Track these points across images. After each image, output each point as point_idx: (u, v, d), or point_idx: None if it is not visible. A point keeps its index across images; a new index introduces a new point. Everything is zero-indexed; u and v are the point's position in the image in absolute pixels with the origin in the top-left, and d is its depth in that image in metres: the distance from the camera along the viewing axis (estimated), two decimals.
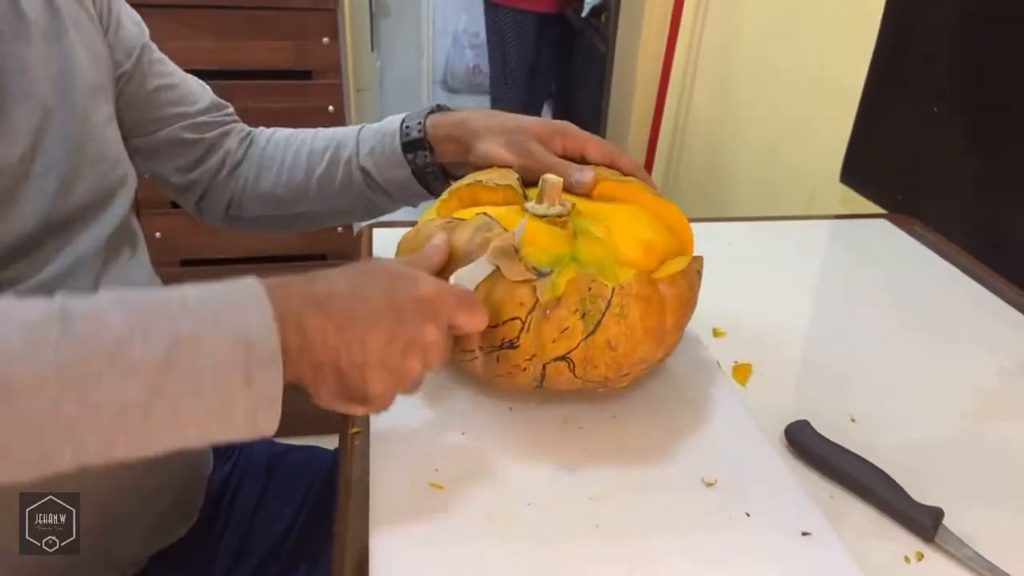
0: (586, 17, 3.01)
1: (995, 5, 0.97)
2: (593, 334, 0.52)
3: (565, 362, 0.53)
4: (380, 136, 0.74)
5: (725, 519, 0.52)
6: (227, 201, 0.81)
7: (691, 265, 0.58)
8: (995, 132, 0.98)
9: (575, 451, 0.57)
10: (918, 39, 1.11)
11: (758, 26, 1.66)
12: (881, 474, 0.56)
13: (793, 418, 0.61)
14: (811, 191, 1.42)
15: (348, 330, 0.43)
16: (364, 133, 0.76)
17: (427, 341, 0.46)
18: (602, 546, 0.49)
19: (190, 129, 0.77)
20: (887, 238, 0.98)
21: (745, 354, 0.71)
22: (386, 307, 0.45)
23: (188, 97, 0.77)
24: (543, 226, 0.56)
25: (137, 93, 0.73)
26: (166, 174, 0.79)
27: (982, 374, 0.72)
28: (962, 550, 0.51)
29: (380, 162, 0.74)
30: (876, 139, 1.21)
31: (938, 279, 0.88)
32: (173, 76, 0.76)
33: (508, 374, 0.55)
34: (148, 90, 0.73)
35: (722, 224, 0.96)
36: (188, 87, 0.77)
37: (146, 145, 0.76)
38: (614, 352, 0.53)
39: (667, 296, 0.55)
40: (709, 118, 1.91)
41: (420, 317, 0.46)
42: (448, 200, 0.63)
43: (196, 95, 0.78)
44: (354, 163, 0.76)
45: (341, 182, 0.76)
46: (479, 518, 0.51)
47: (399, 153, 0.73)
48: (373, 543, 0.48)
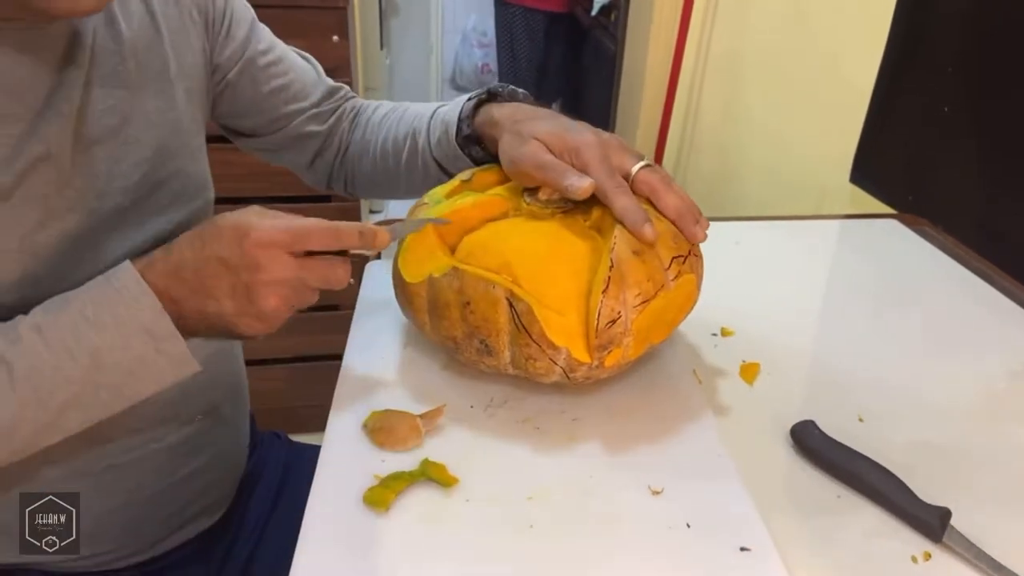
0: (596, 16, 3.01)
1: (1007, 5, 0.96)
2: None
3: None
4: (444, 127, 0.73)
5: (664, 528, 0.51)
6: (344, 182, 0.85)
7: (480, 282, 0.56)
8: (1006, 133, 0.97)
9: (525, 451, 0.57)
10: (929, 40, 1.11)
11: (768, 25, 1.65)
12: (888, 474, 0.56)
13: (801, 418, 0.61)
14: (821, 191, 1.41)
15: (200, 292, 0.52)
16: (435, 120, 0.75)
17: (270, 279, 0.51)
18: (532, 546, 0.49)
19: (309, 122, 0.79)
20: (897, 238, 0.98)
21: (753, 354, 0.70)
22: (219, 263, 0.51)
23: (303, 92, 0.78)
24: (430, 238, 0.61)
25: (251, 98, 0.75)
26: (292, 166, 0.84)
27: (991, 375, 0.72)
28: (970, 550, 0.51)
29: (448, 154, 0.74)
30: (886, 139, 1.20)
31: (948, 279, 0.88)
32: (287, 74, 0.76)
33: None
34: (263, 94, 0.75)
35: (731, 224, 0.96)
36: (302, 80, 0.78)
37: (267, 145, 0.79)
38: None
39: (437, 285, 0.57)
40: (718, 117, 1.91)
41: (252, 262, 0.51)
42: (456, 183, 0.67)
43: (309, 87, 0.79)
44: (427, 153, 0.75)
45: (421, 171, 0.77)
46: (416, 513, 0.51)
47: (457, 149, 0.72)
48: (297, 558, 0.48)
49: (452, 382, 0.63)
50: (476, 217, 0.62)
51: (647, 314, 0.55)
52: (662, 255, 0.57)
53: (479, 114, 0.71)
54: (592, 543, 0.50)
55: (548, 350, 0.54)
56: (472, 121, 0.71)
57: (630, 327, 0.55)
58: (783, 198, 1.58)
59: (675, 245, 0.58)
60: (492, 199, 0.63)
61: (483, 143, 0.70)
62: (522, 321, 0.54)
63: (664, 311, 0.57)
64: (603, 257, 0.56)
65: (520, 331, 0.54)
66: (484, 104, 0.71)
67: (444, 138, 0.73)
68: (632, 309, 0.54)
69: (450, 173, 0.73)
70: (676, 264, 0.57)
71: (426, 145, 0.75)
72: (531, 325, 0.54)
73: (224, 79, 0.72)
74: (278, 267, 0.51)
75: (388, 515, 0.51)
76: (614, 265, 0.54)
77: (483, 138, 0.70)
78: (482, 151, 0.71)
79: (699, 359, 0.70)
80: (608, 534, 0.50)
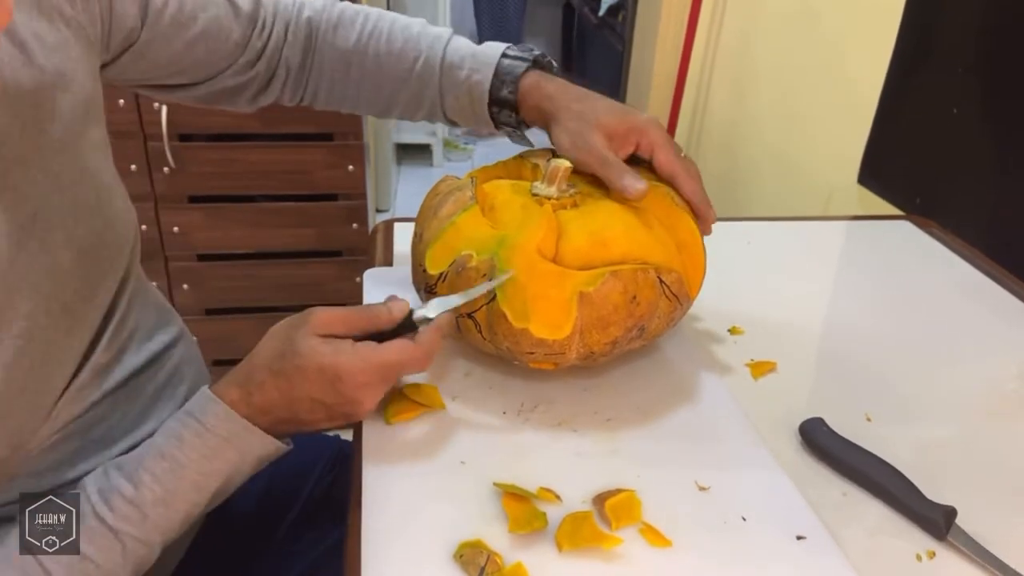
0: (603, 16, 3.01)
1: (1016, 6, 0.96)
2: (493, 301, 0.57)
3: (472, 320, 0.59)
4: (468, 93, 0.70)
5: (720, 523, 0.52)
6: (299, 102, 0.78)
7: (637, 273, 0.57)
8: (1014, 134, 0.97)
9: (569, 455, 0.57)
10: (937, 41, 1.11)
11: (776, 26, 1.65)
12: (894, 472, 0.56)
13: (810, 415, 0.61)
14: (829, 193, 1.41)
15: (295, 423, 0.55)
16: (448, 75, 0.71)
17: (370, 403, 0.55)
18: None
19: (234, 75, 0.71)
20: (906, 239, 0.98)
21: (763, 352, 0.71)
22: (312, 403, 0.54)
23: (218, 39, 0.68)
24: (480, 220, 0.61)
25: (168, 57, 0.66)
26: (232, 108, 0.76)
27: (998, 375, 0.72)
28: (974, 549, 0.52)
29: (468, 115, 0.72)
30: (895, 141, 1.20)
31: (956, 280, 0.88)
32: (196, 19, 0.65)
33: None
34: (178, 51, 0.66)
35: (741, 223, 0.96)
36: (215, 25, 0.67)
37: (194, 96, 0.72)
38: (508, 325, 0.57)
39: (593, 296, 0.56)
40: (726, 118, 1.91)
41: (351, 400, 0.54)
42: (486, 170, 0.69)
43: (225, 30, 0.68)
44: (437, 107, 0.73)
45: (425, 113, 0.75)
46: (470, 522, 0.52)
47: (486, 115, 0.71)
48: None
49: (479, 389, 0.63)
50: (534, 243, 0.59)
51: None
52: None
53: (525, 79, 0.69)
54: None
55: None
56: (517, 87, 0.69)
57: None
58: (790, 200, 1.58)
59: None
60: (543, 218, 0.60)
61: (518, 109, 0.69)
62: (672, 291, 0.59)
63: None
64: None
65: (670, 298, 0.59)
66: (529, 69, 0.69)
67: (467, 105, 0.71)
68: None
69: (457, 124, 0.75)
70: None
71: (436, 98, 0.72)
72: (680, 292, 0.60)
73: (131, 48, 0.63)
74: (373, 395, 0.55)
75: (438, 533, 0.51)
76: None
77: (523, 106, 0.69)
78: (513, 116, 0.70)
79: (710, 357, 0.70)
80: (668, 532, 0.51)
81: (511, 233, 0.59)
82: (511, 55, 0.70)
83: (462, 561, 0.48)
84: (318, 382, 0.52)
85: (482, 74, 0.69)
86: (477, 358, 0.66)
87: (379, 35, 0.72)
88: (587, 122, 0.63)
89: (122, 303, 0.61)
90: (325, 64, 0.74)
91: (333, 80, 0.75)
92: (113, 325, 0.60)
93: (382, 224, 0.89)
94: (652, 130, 0.64)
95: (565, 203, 0.62)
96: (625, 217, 0.61)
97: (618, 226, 0.60)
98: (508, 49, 0.70)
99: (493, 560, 0.47)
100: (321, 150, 1.59)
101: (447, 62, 0.71)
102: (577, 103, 0.65)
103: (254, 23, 0.71)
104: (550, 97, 0.67)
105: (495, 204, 0.63)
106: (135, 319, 0.64)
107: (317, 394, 0.53)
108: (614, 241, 0.59)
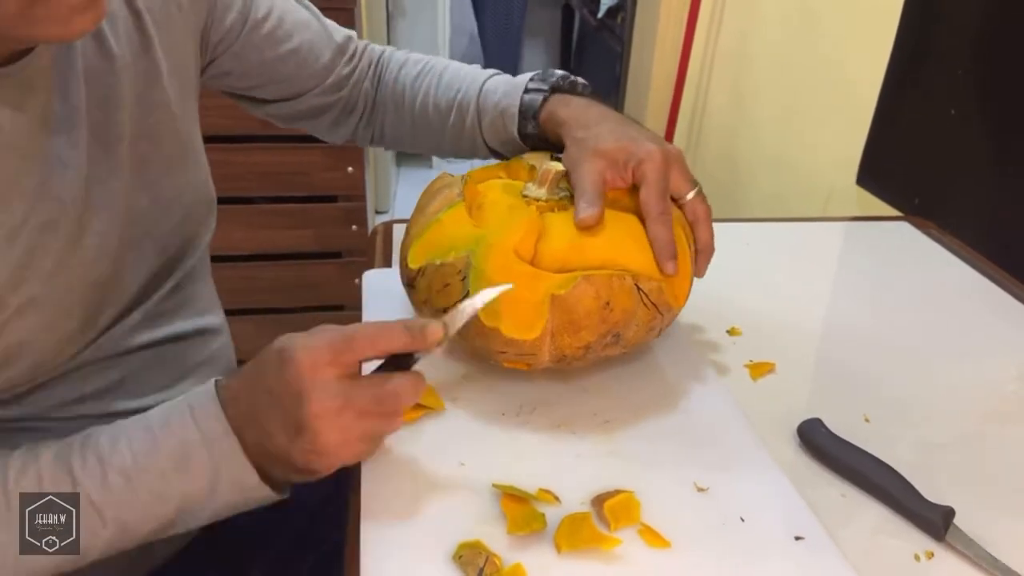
0: (602, 17, 3.01)
1: (1015, 7, 0.97)
2: (466, 298, 0.54)
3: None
4: (501, 117, 0.73)
5: (719, 524, 0.52)
6: (370, 139, 0.85)
7: (612, 279, 0.57)
8: (1013, 135, 0.97)
9: (568, 456, 0.57)
10: (936, 41, 1.11)
11: (775, 27, 1.65)
12: (893, 473, 0.56)
13: (808, 416, 0.62)
14: (827, 194, 1.42)
15: (254, 427, 0.49)
16: (485, 102, 0.74)
17: (319, 410, 0.47)
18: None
19: (324, 94, 0.77)
20: (904, 240, 0.98)
21: (761, 353, 0.71)
22: (267, 396, 0.48)
23: (309, 58, 0.75)
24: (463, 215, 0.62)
25: (259, 67, 0.72)
26: (310, 131, 0.83)
27: (996, 376, 0.72)
28: (972, 549, 0.52)
29: (504, 141, 0.74)
30: (893, 142, 1.21)
31: (954, 281, 0.88)
32: (292, 37, 0.73)
33: (417, 309, 0.63)
34: (270, 61, 0.72)
35: (739, 224, 0.96)
36: (310, 42, 0.74)
37: (281, 112, 0.78)
38: (480, 323, 0.56)
39: (566, 299, 0.55)
40: (725, 119, 1.91)
41: (295, 392, 0.47)
42: (486, 169, 0.70)
43: (316, 52, 0.75)
44: (476, 134, 0.76)
45: (469, 144, 0.77)
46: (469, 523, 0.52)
47: (519, 141, 0.73)
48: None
49: (478, 391, 0.63)
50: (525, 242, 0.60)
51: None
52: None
53: (543, 110, 0.70)
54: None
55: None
56: (537, 120, 0.70)
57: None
58: (789, 201, 1.58)
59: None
60: (525, 219, 0.61)
61: (547, 137, 0.71)
62: (651, 299, 0.58)
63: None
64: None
65: (648, 307, 0.59)
66: (548, 99, 0.70)
67: (501, 127, 0.73)
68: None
69: (500, 153, 0.76)
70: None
71: (475, 125, 0.75)
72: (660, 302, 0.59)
73: (228, 51, 0.70)
74: (324, 395, 0.46)
75: (442, 532, 0.51)
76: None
77: (547, 134, 0.70)
78: (546, 144, 0.71)
79: (708, 358, 0.70)
80: (667, 533, 0.51)
81: (490, 232, 0.59)
82: (532, 88, 0.72)
83: (461, 562, 0.48)
84: (273, 366, 0.48)
85: (511, 98, 0.72)
86: (476, 360, 0.66)
87: (433, 73, 0.79)
88: (584, 150, 0.63)
89: (185, 264, 0.66)
90: (387, 98, 0.81)
91: (393, 114, 0.81)
92: (172, 282, 0.65)
93: (381, 226, 0.89)
94: (647, 163, 0.61)
95: (553, 205, 0.62)
96: (610, 223, 0.60)
97: (600, 231, 0.59)
98: (530, 81, 0.72)
99: (492, 561, 0.47)
100: (320, 152, 1.59)
101: (484, 89, 0.75)
102: (583, 130, 0.65)
103: (343, 52, 0.78)
104: (561, 124, 0.68)
105: (483, 203, 0.63)
106: (193, 288, 0.69)
107: (270, 380, 0.48)
108: (592, 246, 0.58)
